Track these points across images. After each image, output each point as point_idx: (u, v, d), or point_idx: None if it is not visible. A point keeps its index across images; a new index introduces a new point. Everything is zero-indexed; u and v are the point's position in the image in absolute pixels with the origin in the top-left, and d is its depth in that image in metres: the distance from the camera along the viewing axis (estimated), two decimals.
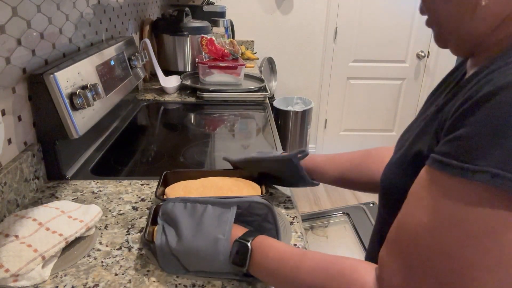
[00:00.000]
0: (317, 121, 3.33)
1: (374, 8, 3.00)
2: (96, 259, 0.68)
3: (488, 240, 0.37)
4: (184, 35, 1.94)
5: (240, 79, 1.77)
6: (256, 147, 1.22)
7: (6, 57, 0.81)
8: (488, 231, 0.37)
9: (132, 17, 1.75)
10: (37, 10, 0.92)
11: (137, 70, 1.49)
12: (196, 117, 1.50)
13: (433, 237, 0.40)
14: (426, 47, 3.14)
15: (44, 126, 0.91)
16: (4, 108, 0.80)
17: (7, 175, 0.78)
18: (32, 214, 0.71)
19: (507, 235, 0.37)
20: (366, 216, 1.29)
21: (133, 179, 0.97)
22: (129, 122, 1.41)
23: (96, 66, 1.10)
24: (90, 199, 0.88)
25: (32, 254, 0.63)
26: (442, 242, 0.39)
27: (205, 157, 1.14)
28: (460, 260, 0.38)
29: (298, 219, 0.81)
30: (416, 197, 0.44)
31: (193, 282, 0.63)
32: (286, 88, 3.22)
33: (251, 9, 2.97)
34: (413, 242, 0.42)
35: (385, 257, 0.46)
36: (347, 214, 1.32)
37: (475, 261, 0.38)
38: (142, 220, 0.80)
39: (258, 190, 0.84)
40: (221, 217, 0.62)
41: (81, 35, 1.20)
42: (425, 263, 0.41)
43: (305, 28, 3.04)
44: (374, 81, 3.23)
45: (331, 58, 3.13)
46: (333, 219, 1.32)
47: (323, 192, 2.90)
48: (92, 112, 1.00)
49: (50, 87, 0.87)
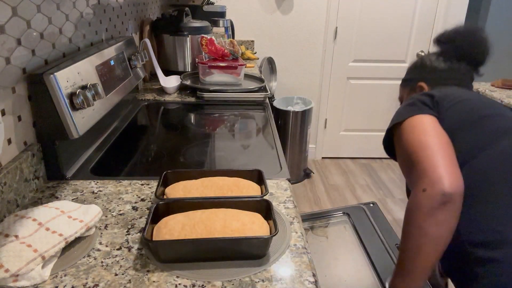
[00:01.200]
0: (317, 121, 3.33)
1: (374, 8, 3.00)
2: (96, 259, 0.68)
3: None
4: (184, 35, 1.94)
5: (240, 79, 1.77)
6: (256, 147, 1.22)
7: (6, 57, 0.81)
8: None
9: (132, 17, 1.75)
10: (37, 10, 0.92)
11: (137, 70, 1.49)
12: (196, 117, 1.50)
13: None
14: (426, 47, 3.14)
15: (44, 126, 0.91)
16: (4, 108, 0.80)
17: (7, 175, 0.78)
18: (32, 214, 0.71)
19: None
20: (366, 216, 1.29)
21: (133, 179, 0.97)
22: (129, 122, 1.41)
23: (96, 66, 1.10)
24: (90, 199, 0.88)
25: (32, 254, 0.63)
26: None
27: (205, 157, 1.14)
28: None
29: (298, 219, 0.81)
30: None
31: (193, 282, 0.64)
32: (286, 88, 3.22)
33: (251, 9, 2.97)
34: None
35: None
36: (347, 214, 1.32)
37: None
38: (142, 220, 0.80)
39: (258, 190, 0.84)
40: None
41: (81, 35, 1.20)
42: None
43: (305, 28, 3.04)
44: (374, 81, 3.23)
45: (331, 58, 3.13)
46: (333, 219, 1.32)
47: (323, 192, 2.90)
48: (92, 112, 1.00)
49: (50, 87, 0.87)
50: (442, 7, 3.01)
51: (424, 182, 0.75)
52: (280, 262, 0.69)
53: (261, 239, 0.67)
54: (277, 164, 1.08)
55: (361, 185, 3.02)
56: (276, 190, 0.93)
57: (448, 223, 0.73)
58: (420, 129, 0.83)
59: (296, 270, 0.67)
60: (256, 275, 0.66)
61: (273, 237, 0.67)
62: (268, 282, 0.64)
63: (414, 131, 0.83)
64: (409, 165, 0.81)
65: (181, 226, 0.69)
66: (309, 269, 0.68)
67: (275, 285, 0.64)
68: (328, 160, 3.43)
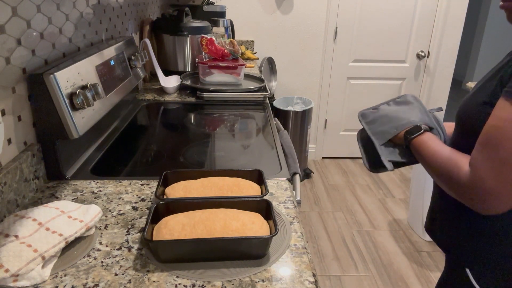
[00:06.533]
0: (317, 121, 3.33)
1: (374, 8, 3.00)
2: (96, 259, 0.68)
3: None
4: (184, 35, 1.94)
5: (240, 79, 1.77)
6: (256, 147, 1.22)
7: (6, 57, 0.81)
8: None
9: (132, 17, 1.75)
10: (37, 10, 0.92)
11: (137, 70, 1.49)
12: (196, 117, 1.50)
13: (510, 137, 0.63)
14: (426, 47, 3.14)
15: (44, 126, 0.91)
16: (4, 108, 0.80)
17: (7, 175, 0.78)
18: (32, 214, 0.71)
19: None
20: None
21: (133, 179, 0.97)
22: (129, 122, 1.41)
23: (96, 66, 1.10)
24: (90, 199, 0.88)
25: (32, 254, 0.63)
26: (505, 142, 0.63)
27: (205, 157, 1.14)
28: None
29: (298, 219, 0.82)
30: (496, 116, 0.65)
31: (193, 282, 0.64)
32: (286, 88, 3.22)
33: (251, 9, 2.97)
34: (495, 142, 0.65)
35: (475, 153, 0.68)
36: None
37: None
38: (142, 220, 0.80)
39: (258, 190, 0.84)
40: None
41: (81, 35, 1.20)
42: (500, 152, 0.64)
43: (305, 28, 3.04)
44: (374, 81, 3.23)
45: (331, 58, 3.13)
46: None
47: (323, 192, 2.90)
48: (92, 112, 1.00)
49: (50, 87, 0.87)
50: (442, 7, 3.01)
51: (479, 199, 0.68)
52: (280, 262, 0.69)
53: (261, 239, 0.67)
54: (277, 164, 1.08)
55: (361, 185, 3.02)
56: (276, 190, 0.93)
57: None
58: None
59: (296, 270, 0.67)
60: (256, 275, 0.66)
61: (273, 237, 0.67)
62: (268, 282, 0.64)
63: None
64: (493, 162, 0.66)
65: (181, 226, 0.69)
66: (309, 269, 0.68)
67: (275, 285, 0.64)
68: (328, 160, 3.43)
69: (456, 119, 0.80)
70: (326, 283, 2.02)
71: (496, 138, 0.64)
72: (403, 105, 0.93)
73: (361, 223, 2.54)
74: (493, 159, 0.65)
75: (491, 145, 0.65)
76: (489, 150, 0.65)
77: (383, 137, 0.90)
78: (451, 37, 3.07)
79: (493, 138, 0.65)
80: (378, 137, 0.91)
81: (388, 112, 0.92)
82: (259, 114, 1.54)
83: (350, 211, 2.66)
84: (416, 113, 0.90)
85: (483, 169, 0.66)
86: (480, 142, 0.67)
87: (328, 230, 2.45)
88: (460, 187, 0.70)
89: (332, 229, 2.47)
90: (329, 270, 2.11)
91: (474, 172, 0.67)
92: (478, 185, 0.67)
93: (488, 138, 0.66)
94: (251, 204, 0.77)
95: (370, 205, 2.74)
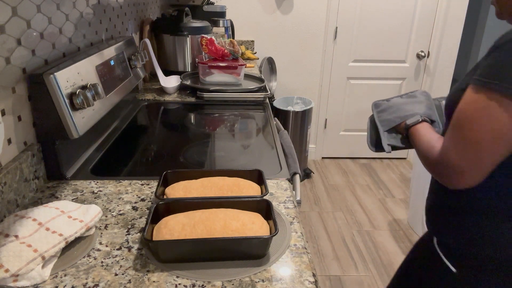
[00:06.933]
0: (317, 121, 3.33)
1: (374, 8, 3.00)
2: (96, 259, 0.68)
3: (494, 120, 0.68)
4: (184, 35, 1.94)
5: (240, 79, 1.77)
6: (256, 147, 1.22)
7: (6, 57, 0.81)
8: (493, 113, 0.67)
9: (132, 17, 1.75)
10: (37, 10, 0.92)
11: (137, 70, 1.49)
12: (196, 117, 1.50)
13: (471, 119, 0.70)
14: (426, 47, 3.14)
15: (44, 126, 0.91)
16: (4, 108, 0.80)
17: (7, 175, 0.78)
18: (32, 214, 0.71)
19: (503, 118, 0.67)
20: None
21: (133, 179, 0.97)
22: (129, 122, 1.41)
23: (96, 66, 1.10)
24: (90, 199, 0.88)
25: (32, 254, 0.63)
26: (473, 121, 0.70)
27: (205, 157, 1.14)
28: (482, 130, 0.69)
29: (298, 219, 0.81)
30: (463, 100, 0.72)
31: (193, 282, 0.64)
32: (286, 88, 3.22)
33: (251, 9, 2.97)
34: (460, 123, 0.72)
35: (446, 134, 0.76)
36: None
37: (487, 130, 0.69)
38: (142, 220, 0.80)
39: (258, 190, 0.84)
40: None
41: (81, 35, 1.20)
42: (464, 132, 0.71)
43: (305, 28, 3.04)
44: (374, 81, 3.23)
45: (331, 58, 3.13)
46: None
47: (323, 192, 2.90)
48: (92, 112, 1.00)
49: (50, 87, 0.87)
50: (442, 7, 3.01)
51: (446, 175, 0.76)
52: (280, 262, 0.69)
53: (261, 239, 0.67)
54: (277, 164, 1.08)
55: (361, 185, 3.02)
56: (276, 190, 0.93)
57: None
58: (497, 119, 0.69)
59: (296, 270, 0.67)
60: (256, 275, 0.66)
61: (273, 237, 0.67)
62: (268, 282, 0.64)
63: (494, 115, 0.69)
64: (458, 136, 0.73)
65: (181, 226, 0.69)
66: (309, 269, 0.68)
67: (275, 285, 0.64)
68: (328, 160, 3.43)
69: (444, 108, 0.88)
70: (326, 283, 2.02)
71: (461, 119, 0.72)
72: (412, 98, 1.01)
73: (361, 223, 2.54)
74: (457, 138, 0.73)
75: (457, 126, 0.73)
76: (455, 130, 0.73)
77: (388, 124, 0.99)
78: (451, 37, 3.07)
79: (458, 119, 0.73)
80: (383, 124, 1.01)
81: (397, 104, 1.00)
82: (259, 114, 1.54)
83: (350, 211, 2.66)
84: (421, 107, 0.96)
85: (449, 148, 0.74)
86: (450, 124, 0.76)
87: (328, 230, 2.45)
88: (432, 164, 0.79)
89: (332, 229, 2.47)
90: (329, 270, 2.11)
91: (442, 150, 0.76)
92: (445, 162, 0.75)
93: (455, 120, 0.74)
94: (251, 204, 0.77)
95: (370, 205, 2.74)
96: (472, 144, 0.70)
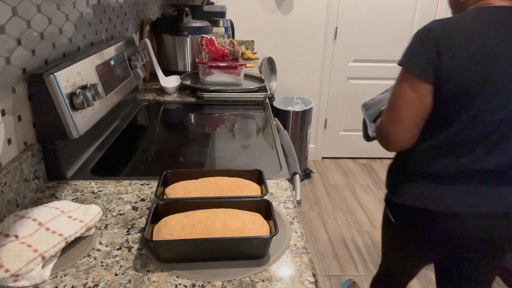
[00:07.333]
0: (317, 121, 3.33)
1: (374, 8, 3.00)
2: (96, 259, 0.68)
3: (405, 91, 0.94)
4: (184, 35, 1.94)
5: (240, 79, 1.77)
6: (256, 147, 1.22)
7: (6, 57, 0.81)
8: (403, 86, 0.94)
9: (132, 17, 1.75)
10: (37, 10, 0.92)
11: (137, 70, 1.49)
12: (196, 117, 1.50)
13: (393, 91, 0.96)
14: None
15: (44, 126, 0.91)
16: (4, 108, 0.80)
17: (7, 175, 0.78)
18: (32, 214, 0.71)
19: (406, 90, 0.93)
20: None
21: (133, 179, 0.97)
22: (129, 122, 1.41)
23: (96, 66, 1.10)
24: (90, 199, 0.88)
25: (32, 254, 0.63)
26: (394, 93, 0.96)
27: (205, 157, 1.14)
28: (400, 99, 0.95)
29: (298, 219, 0.82)
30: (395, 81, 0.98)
31: (193, 282, 0.64)
32: (286, 88, 3.22)
33: (251, 9, 2.97)
34: (390, 96, 0.98)
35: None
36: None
37: (400, 101, 0.94)
38: (142, 220, 0.80)
39: (258, 190, 0.84)
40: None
41: (81, 35, 1.20)
42: (390, 101, 0.97)
43: (305, 28, 3.04)
44: (374, 81, 3.23)
45: (331, 58, 3.13)
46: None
47: (323, 192, 2.90)
48: (92, 112, 1.00)
49: (50, 87, 0.87)
50: (442, 7, 3.01)
51: (381, 139, 1.01)
52: (280, 262, 0.69)
53: (261, 239, 0.67)
54: (277, 164, 1.08)
55: (361, 185, 3.02)
56: (276, 190, 0.93)
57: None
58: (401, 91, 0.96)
59: (296, 270, 0.67)
60: (256, 275, 0.66)
61: (273, 237, 0.67)
62: (268, 282, 0.64)
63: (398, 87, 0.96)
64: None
65: (181, 226, 0.69)
66: (309, 269, 0.68)
67: (275, 285, 0.64)
68: (328, 160, 3.43)
69: None
70: (326, 283, 2.02)
71: (390, 93, 0.97)
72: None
73: (361, 223, 2.54)
74: (387, 108, 0.97)
75: (389, 99, 0.97)
76: (388, 103, 0.97)
77: (371, 117, 1.16)
78: None
79: (390, 93, 0.97)
80: (369, 117, 1.18)
81: (379, 99, 1.16)
82: (259, 114, 1.54)
83: (350, 211, 2.66)
84: None
85: (383, 117, 0.98)
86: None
87: (328, 230, 2.45)
88: (376, 133, 1.03)
89: (332, 229, 2.47)
90: (329, 270, 2.11)
91: (380, 120, 1.00)
92: (379, 128, 1.00)
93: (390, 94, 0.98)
94: (251, 204, 0.77)
95: (370, 205, 2.74)
96: (393, 109, 0.94)
